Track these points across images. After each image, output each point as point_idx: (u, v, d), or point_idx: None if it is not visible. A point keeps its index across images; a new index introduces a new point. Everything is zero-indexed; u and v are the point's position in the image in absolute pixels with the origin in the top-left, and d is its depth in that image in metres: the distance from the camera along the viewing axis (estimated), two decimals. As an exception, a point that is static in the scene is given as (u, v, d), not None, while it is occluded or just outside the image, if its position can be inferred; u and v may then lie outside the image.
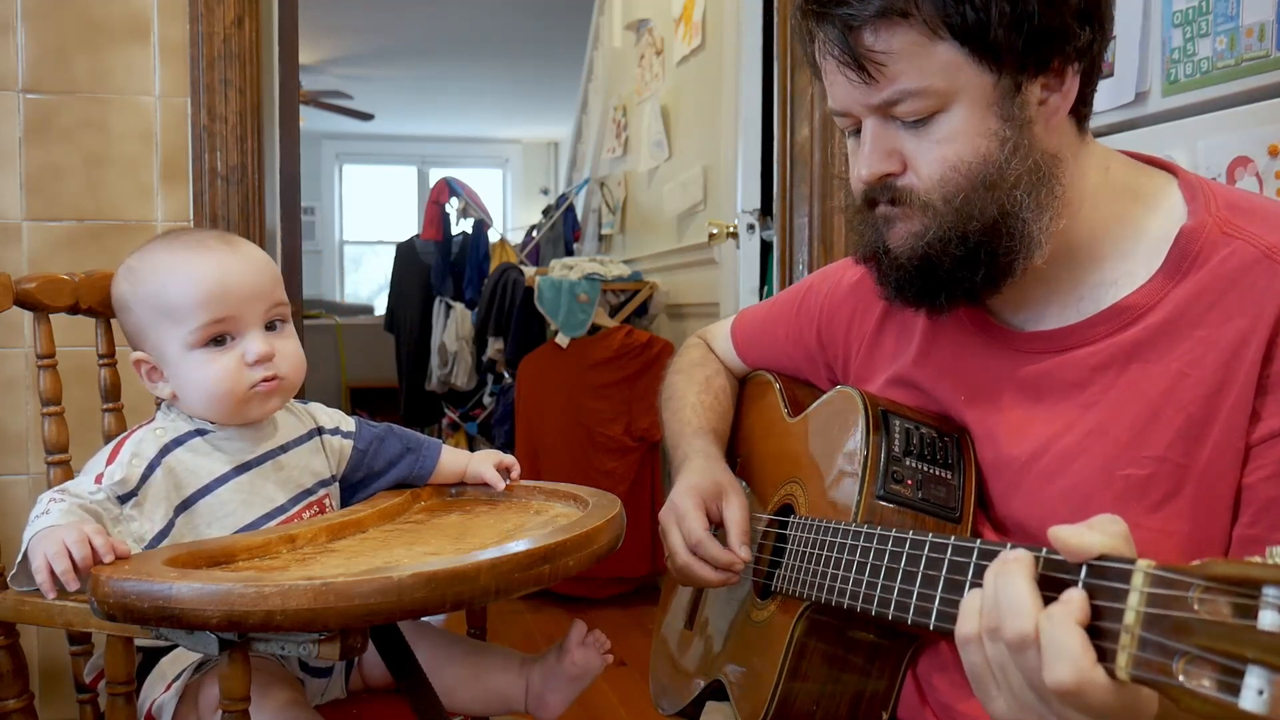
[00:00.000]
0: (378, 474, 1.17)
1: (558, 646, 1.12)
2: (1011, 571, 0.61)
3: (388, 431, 1.19)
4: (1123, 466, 0.81)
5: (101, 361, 1.28)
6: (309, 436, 1.12)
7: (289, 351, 1.06)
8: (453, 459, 1.19)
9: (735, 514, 1.04)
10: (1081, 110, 0.86)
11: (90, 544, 0.84)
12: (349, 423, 1.18)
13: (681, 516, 1.04)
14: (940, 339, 0.97)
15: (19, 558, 0.91)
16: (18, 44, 1.79)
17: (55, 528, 0.88)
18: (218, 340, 1.02)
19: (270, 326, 1.06)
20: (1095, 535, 0.59)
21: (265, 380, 1.03)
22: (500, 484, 1.17)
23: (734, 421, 1.26)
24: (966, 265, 0.84)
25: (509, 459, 1.19)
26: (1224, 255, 0.80)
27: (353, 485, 1.17)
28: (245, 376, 1.02)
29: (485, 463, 1.18)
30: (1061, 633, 0.57)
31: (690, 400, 1.22)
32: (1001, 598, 0.61)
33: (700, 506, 1.04)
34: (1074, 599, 0.58)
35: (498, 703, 1.14)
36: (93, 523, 0.90)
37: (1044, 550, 0.62)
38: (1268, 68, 1.13)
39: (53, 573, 0.84)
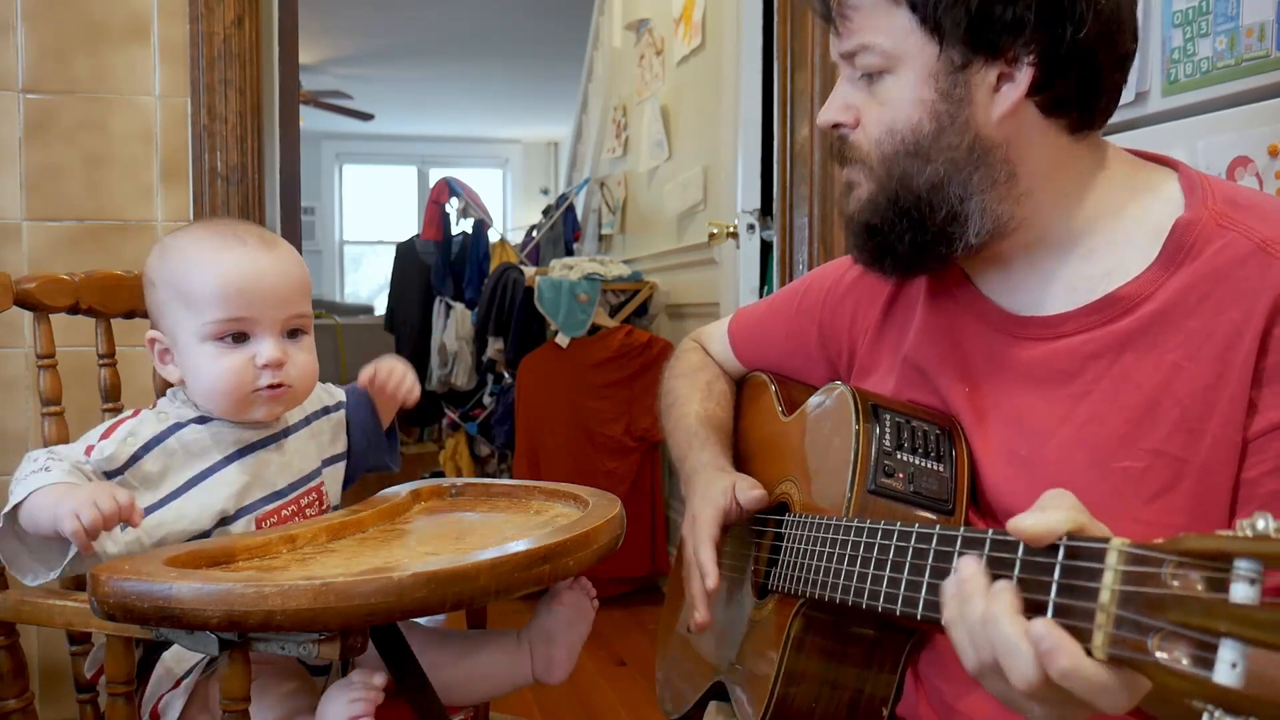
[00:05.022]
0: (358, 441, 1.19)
1: (545, 597, 1.12)
2: (963, 563, 0.66)
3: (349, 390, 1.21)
4: (1119, 459, 0.81)
5: (101, 361, 1.28)
6: (308, 421, 1.13)
7: (302, 362, 1.06)
8: (364, 374, 1.18)
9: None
10: (1068, 109, 0.86)
11: (116, 500, 0.88)
12: (339, 393, 1.19)
13: (704, 571, 1.02)
14: (940, 324, 0.98)
15: (2, 514, 0.92)
16: (18, 44, 1.79)
17: (74, 488, 0.90)
18: (233, 337, 1.02)
19: (290, 334, 1.05)
20: (1052, 514, 0.61)
21: (271, 387, 1.03)
22: (366, 377, 1.16)
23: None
24: (898, 230, 0.89)
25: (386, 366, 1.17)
26: (1218, 247, 0.81)
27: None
28: (252, 378, 1.02)
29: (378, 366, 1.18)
30: (1004, 629, 0.60)
31: (694, 409, 1.22)
32: (961, 585, 0.65)
33: (714, 541, 1.04)
34: (1001, 589, 0.62)
35: (504, 684, 1.14)
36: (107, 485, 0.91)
37: (1064, 537, 0.62)
38: (1268, 68, 1.13)
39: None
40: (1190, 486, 0.79)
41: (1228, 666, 0.48)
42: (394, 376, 1.17)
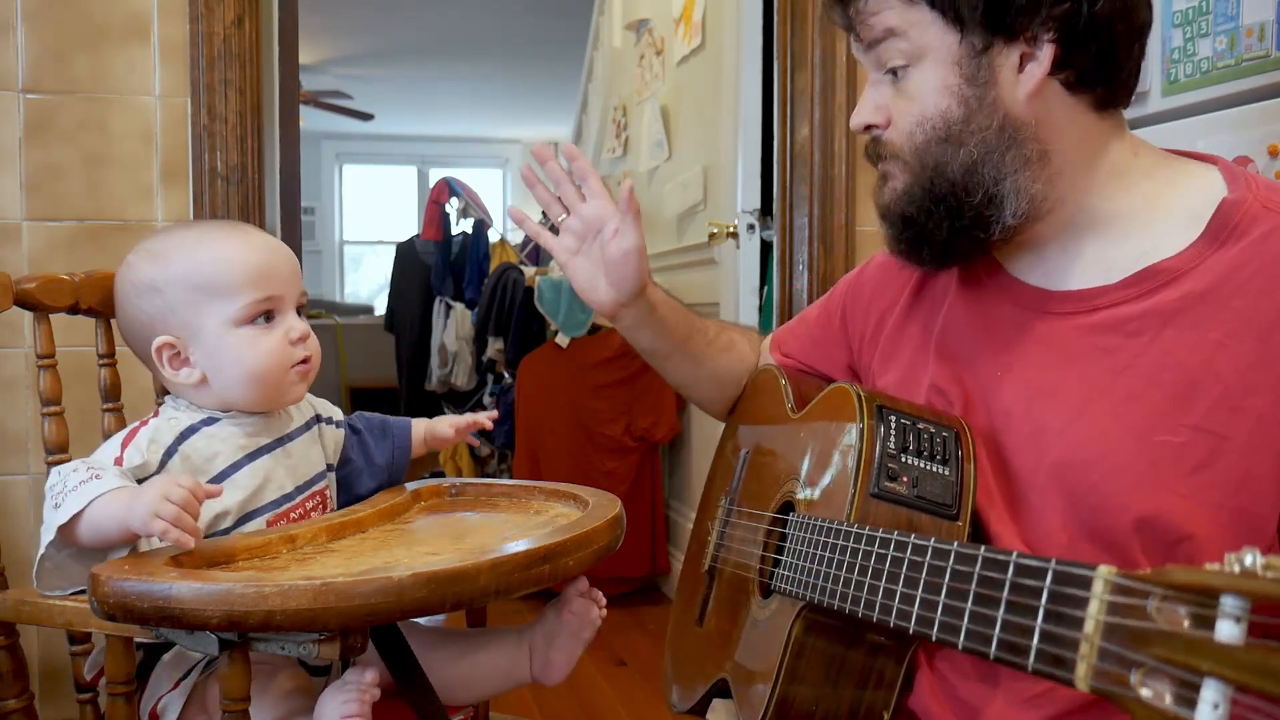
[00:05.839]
0: (363, 466, 1.18)
1: (555, 601, 1.12)
2: None
3: (359, 419, 1.21)
4: (1158, 433, 0.82)
5: (101, 361, 1.28)
6: (308, 426, 1.13)
7: (314, 337, 1.09)
8: (416, 433, 1.22)
9: None
10: (1090, 86, 0.87)
11: (180, 486, 0.86)
12: (338, 412, 1.19)
13: None
14: (971, 310, 0.98)
15: (51, 534, 0.90)
16: (18, 44, 1.79)
17: (137, 491, 0.88)
18: (265, 316, 1.04)
19: (297, 312, 1.08)
20: None
21: (303, 362, 1.05)
22: (451, 433, 1.20)
23: (741, 415, 1.28)
24: (936, 218, 0.90)
25: (468, 419, 1.21)
26: (1266, 230, 0.82)
27: (343, 476, 1.17)
28: (289, 354, 1.04)
29: (441, 423, 1.22)
30: None
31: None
32: None
33: None
34: None
35: (502, 682, 1.14)
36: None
37: (1053, 561, 0.62)
38: (1268, 68, 1.13)
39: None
40: (1231, 462, 0.79)
41: (1210, 707, 0.46)
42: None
